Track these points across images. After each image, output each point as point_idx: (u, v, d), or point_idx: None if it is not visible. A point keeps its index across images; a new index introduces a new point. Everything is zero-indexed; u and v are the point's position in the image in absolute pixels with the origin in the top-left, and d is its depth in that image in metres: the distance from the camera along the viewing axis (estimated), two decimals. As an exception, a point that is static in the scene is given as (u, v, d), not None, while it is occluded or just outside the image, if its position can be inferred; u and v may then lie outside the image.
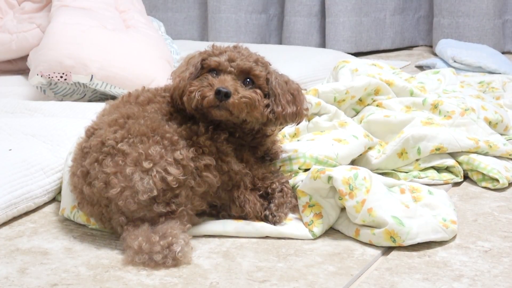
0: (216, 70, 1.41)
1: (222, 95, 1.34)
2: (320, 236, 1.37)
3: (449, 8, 3.41)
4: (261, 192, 1.43)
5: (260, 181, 1.44)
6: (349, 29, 3.48)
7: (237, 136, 1.44)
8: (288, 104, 1.45)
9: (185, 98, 1.39)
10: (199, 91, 1.36)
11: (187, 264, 1.25)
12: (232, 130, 1.43)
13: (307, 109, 1.49)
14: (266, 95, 1.43)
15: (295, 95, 1.47)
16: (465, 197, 1.58)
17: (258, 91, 1.40)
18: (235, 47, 1.46)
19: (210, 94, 1.35)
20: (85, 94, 2.26)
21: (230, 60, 1.41)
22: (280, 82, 1.45)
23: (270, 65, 1.47)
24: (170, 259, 1.23)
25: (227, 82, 1.36)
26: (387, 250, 1.32)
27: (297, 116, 1.46)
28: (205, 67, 1.42)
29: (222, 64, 1.40)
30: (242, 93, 1.37)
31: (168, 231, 1.25)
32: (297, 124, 1.52)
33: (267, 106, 1.43)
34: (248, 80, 1.41)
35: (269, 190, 1.43)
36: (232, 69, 1.39)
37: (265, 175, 1.45)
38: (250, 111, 1.38)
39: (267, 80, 1.43)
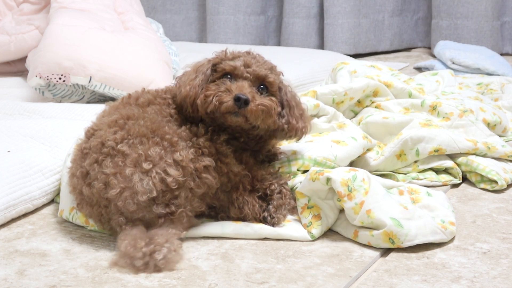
0: (231, 75, 1.41)
1: (242, 102, 1.34)
2: (318, 238, 1.37)
3: (448, 10, 3.42)
4: (259, 194, 1.43)
5: (259, 183, 1.44)
6: (347, 31, 3.48)
7: (241, 141, 1.45)
8: (301, 118, 1.48)
9: (199, 102, 1.38)
10: (216, 96, 1.36)
11: (170, 270, 1.24)
12: (238, 135, 1.44)
13: (308, 127, 1.52)
14: (279, 103, 1.44)
15: (303, 110, 1.50)
16: (463, 199, 1.58)
17: (274, 99, 1.41)
18: (248, 52, 1.46)
19: (229, 100, 1.35)
20: (84, 96, 2.26)
21: (246, 65, 1.41)
22: (293, 94, 1.48)
23: (282, 75, 1.48)
24: (152, 266, 1.23)
25: (245, 88, 1.37)
26: (386, 251, 1.32)
27: (302, 133, 1.49)
28: (219, 71, 1.42)
29: (238, 69, 1.40)
30: (259, 100, 1.37)
31: (154, 238, 1.24)
32: (297, 141, 1.55)
33: (280, 114, 1.44)
34: (261, 86, 1.42)
35: (268, 192, 1.44)
36: (248, 75, 1.40)
37: (264, 177, 1.45)
38: (265, 118, 1.39)
39: (279, 88, 1.45)
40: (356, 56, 3.46)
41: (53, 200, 1.58)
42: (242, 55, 1.44)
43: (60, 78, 2.15)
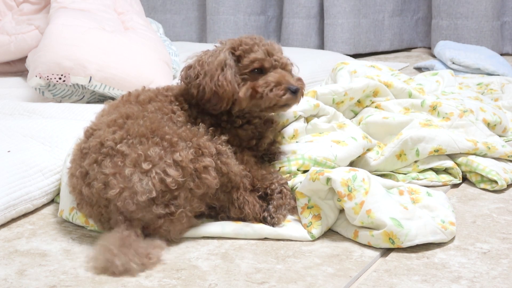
0: (262, 69, 1.47)
1: (297, 92, 1.45)
2: (318, 238, 1.37)
3: (448, 10, 3.42)
4: (260, 193, 1.43)
5: (259, 182, 1.44)
6: (347, 31, 3.48)
7: (254, 122, 1.51)
8: None
9: (241, 95, 1.44)
10: (272, 92, 1.44)
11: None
12: (252, 119, 1.51)
13: None
14: None
15: None
16: (463, 199, 1.58)
17: (301, 78, 1.51)
18: (254, 38, 1.52)
19: (285, 93, 1.44)
20: (84, 96, 2.26)
21: (270, 54, 1.48)
22: None
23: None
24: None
25: (288, 77, 1.47)
26: (386, 251, 1.32)
27: None
28: (246, 64, 1.47)
29: (268, 61, 1.47)
30: (297, 83, 1.47)
31: (133, 250, 1.23)
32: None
33: None
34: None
35: (268, 191, 1.44)
36: (277, 63, 1.48)
37: (265, 176, 1.45)
38: (301, 97, 1.50)
39: None
40: (356, 56, 3.46)
41: (53, 200, 1.58)
42: (255, 42, 1.49)
43: (60, 78, 2.15)
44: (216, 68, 1.45)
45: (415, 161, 1.69)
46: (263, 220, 1.40)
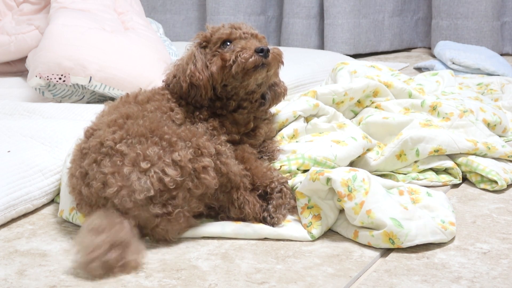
0: (229, 40, 1.49)
1: (265, 52, 1.44)
2: (318, 238, 1.37)
3: (448, 10, 3.42)
4: (259, 192, 1.43)
5: (260, 179, 1.44)
6: (347, 31, 3.48)
7: (244, 106, 1.53)
8: None
9: (214, 69, 1.46)
10: (239, 57, 1.44)
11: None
12: (242, 102, 1.53)
13: None
14: None
15: None
16: (463, 199, 1.58)
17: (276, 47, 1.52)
18: (222, 24, 1.55)
19: (252, 55, 1.44)
20: (84, 96, 2.26)
21: (237, 28, 1.50)
22: None
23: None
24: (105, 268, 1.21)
25: (255, 43, 1.47)
26: (386, 252, 1.32)
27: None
28: (215, 42, 1.50)
29: (235, 33, 1.49)
30: (269, 48, 1.47)
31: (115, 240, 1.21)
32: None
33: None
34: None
35: (268, 190, 1.43)
36: (247, 34, 1.49)
37: (265, 174, 1.45)
38: (279, 63, 1.50)
39: None
40: (356, 56, 3.46)
41: (53, 200, 1.58)
42: (222, 25, 1.53)
43: (60, 78, 2.15)
44: (187, 62, 1.51)
45: (415, 161, 1.69)
46: (263, 220, 1.40)
